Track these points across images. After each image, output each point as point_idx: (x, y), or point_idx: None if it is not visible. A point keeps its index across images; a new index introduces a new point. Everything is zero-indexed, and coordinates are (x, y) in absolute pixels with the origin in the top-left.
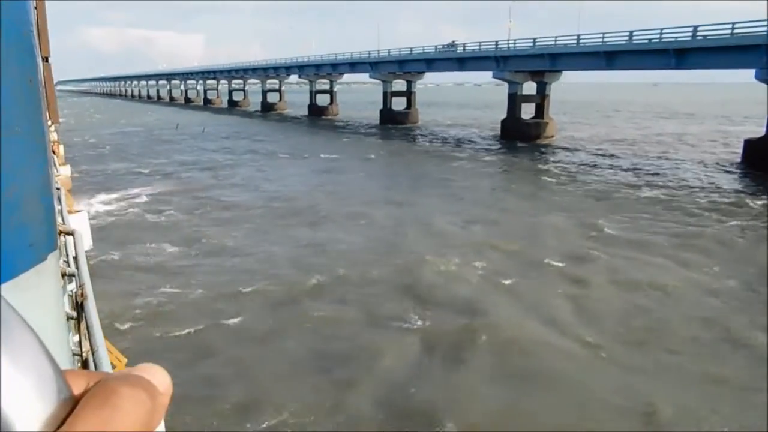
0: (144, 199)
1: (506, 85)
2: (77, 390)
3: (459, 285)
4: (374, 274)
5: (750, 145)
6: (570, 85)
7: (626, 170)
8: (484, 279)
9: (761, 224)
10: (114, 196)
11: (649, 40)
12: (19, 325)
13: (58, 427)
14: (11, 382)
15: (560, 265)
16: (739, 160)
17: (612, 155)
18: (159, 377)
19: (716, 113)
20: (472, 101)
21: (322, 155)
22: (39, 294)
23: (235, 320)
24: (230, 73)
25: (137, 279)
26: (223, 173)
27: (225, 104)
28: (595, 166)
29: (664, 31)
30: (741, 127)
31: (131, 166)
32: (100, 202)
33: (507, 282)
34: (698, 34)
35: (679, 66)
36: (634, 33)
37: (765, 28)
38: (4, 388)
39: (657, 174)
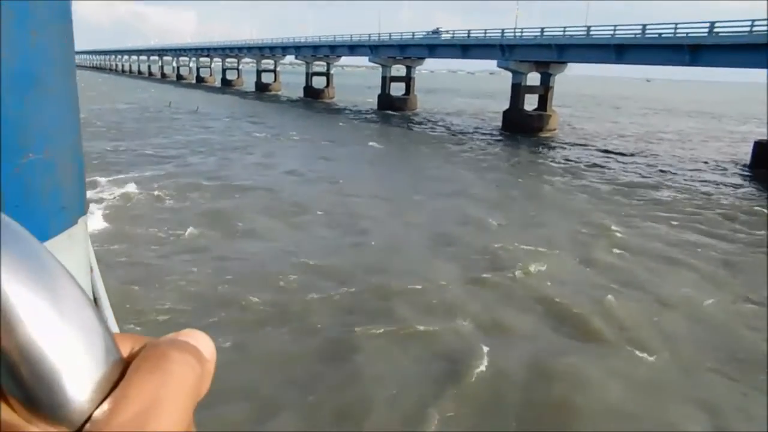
0: (145, 182)
1: (501, 74)
2: (124, 353)
3: (506, 301)
4: (408, 281)
5: (760, 147)
6: (564, 78)
7: (635, 169)
8: (526, 290)
9: None
10: (114, 178)
11: (659, 34)
12: (69, 281)
13: (111, 390)
14: (63, 339)
15: (592, 276)
16: (747, 161)
17: (618, 152)
18: (203, 343)
19: (716, 112)
20: (468, 89)
21: (323, 141)
22: (70, 258)
23: (256, 340)
24: (224, 51)
25: (141, 278)
26: (223, 155)
27: (218, 83)
28: (602, 163)
29: (678, 26)
30: (744, 126)
31: (130, 145)
32: (99, 186)
33: (558, 301)
34: (714, 30)
35: (693, 63)
36: (648, 27)
37: None
38: (55, 345)
39: (667, 173)
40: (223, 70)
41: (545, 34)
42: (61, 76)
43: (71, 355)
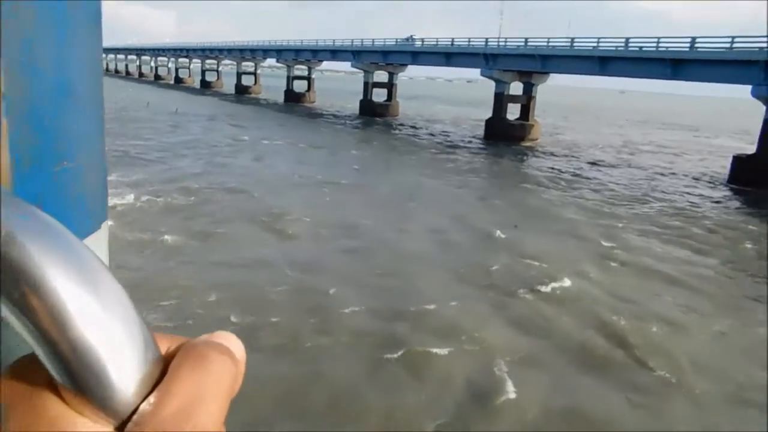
0: (130, 185)
1: (480, 82)
2: (162, 350)
3: (515, 320)
4: (410, 298)
5: (739, 161)
6: (545, 87)
7: (618, 180)
8: (532, 309)
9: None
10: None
11: (640, 47)
12: (110, 278)
13: (154, 386)
14: (110, 334)
15: (594, 292)
16: (726, 174)
17: (601, 163)
18: (235, 345)
19: (694, 125)
20: (447, 97)
21: (307, 146)
22: None
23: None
24: (204, 52)
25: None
26: (206, 159)
27: (197, 84)
28: (586, 174)
29: (661, 40)
30: (718, 140)
31: (110, 146)
32: None
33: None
34: (696, 46)
35: (675, 77)
36: (630, 40)
37: (765, 44)
38: (103, 339)
39: (649, 186)
40: (203, 72)
41: (529, 44)
42: (91, 82)
43: (118, 350)
